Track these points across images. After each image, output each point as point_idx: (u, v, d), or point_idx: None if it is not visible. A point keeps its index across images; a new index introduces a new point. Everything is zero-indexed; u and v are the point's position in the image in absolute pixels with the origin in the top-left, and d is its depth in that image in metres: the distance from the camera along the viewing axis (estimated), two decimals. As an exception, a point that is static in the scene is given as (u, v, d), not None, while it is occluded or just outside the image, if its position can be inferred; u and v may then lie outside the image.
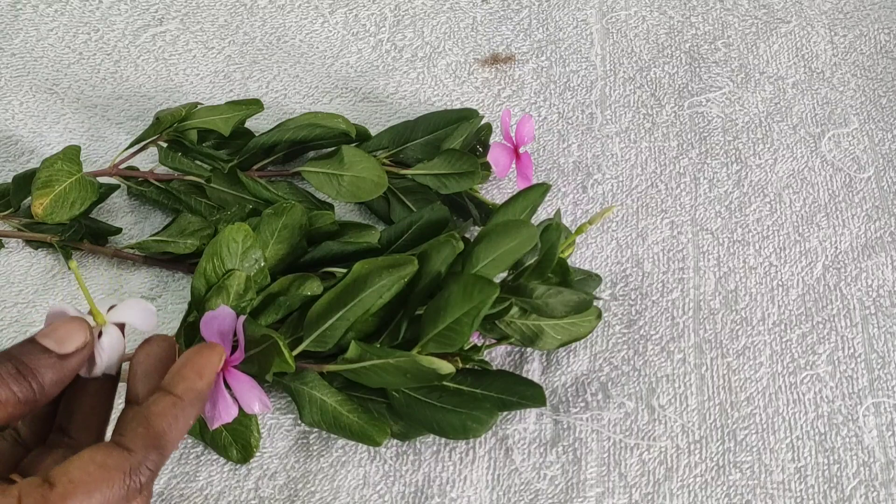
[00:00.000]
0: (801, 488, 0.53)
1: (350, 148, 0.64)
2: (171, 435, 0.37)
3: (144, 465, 0.36)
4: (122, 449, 0.36)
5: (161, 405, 0.37)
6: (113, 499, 0.35)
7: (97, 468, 0.34)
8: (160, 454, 0.36)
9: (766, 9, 0.82)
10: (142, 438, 0.36)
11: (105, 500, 0.34)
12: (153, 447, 0.36)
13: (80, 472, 0.34)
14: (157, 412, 0.37)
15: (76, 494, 0.34)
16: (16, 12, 0.81)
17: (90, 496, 0.34)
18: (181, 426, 0.38)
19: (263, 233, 0.57)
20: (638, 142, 0.71)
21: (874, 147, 0.71)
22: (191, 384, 0.39)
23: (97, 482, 0.34)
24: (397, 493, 0.53)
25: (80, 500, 0.34)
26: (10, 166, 0.69)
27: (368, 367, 0.52)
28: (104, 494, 0.34)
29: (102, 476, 0.34)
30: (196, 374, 0.39)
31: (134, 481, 0.35)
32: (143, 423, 0.37)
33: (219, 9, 0.82)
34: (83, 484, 0.34)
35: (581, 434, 0.55)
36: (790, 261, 0.64)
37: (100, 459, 0.35)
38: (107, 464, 0.35)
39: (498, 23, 0.81)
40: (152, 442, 0.36)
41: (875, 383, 0.57)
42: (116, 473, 0.35)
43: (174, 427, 0.37)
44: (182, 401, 0.38)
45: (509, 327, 0.55)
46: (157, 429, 0.37)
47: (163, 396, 0.38)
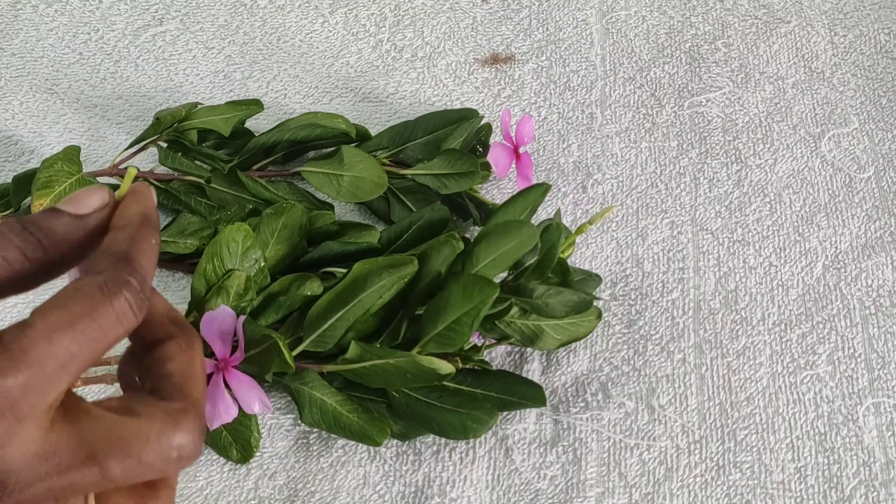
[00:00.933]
0: (801, 488, 0.53)
1: (350, 148, 0.64)
2: (133, 249, 0.34)
3: (120, 276, 0.32)
4: (91, 273, 0.33)
5: (111, 235, 0.34)
6: (103, 323, 0.31)
7: (69, 290, 0.31)
8: (130, 265, 0.33)
9: (766, 9, 0.82)
10: (104, 257, 0.33)
11: (92, 326, 0.31)
12: (120, 261, 0.33)
13: (53, 303, 0.31)
14: (110, 240, 0.34)
15: (52, 309, 0.31)
16: (16, 12, 0.81)
17: (73, 325, 0.31)
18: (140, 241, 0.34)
19: (263, 233, 0.57)
20: (638, 142, 0.71)
21: (874, 147, 0.71)
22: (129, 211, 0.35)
23: (76, 307, 0.31)
24: (397, 493, 0.53)
25: (58, 313, 0.31)
26: (10, 166, 0.69)
27: (368, 367, 0.52)
28: (89, 323, 0.31)
29: (79, 299, 0.31)
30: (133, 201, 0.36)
31: (118, 299, 0.32)
32: (100, 252, 0.34)
33: (219, 9, 0.82)
34: (63, 313, 0.31)
35: (581, 434, 0.55)
36: (790, 261, 0.64)
37: (71, 286, 0.32)
38: (79, 287, 0.32)
39: (498, 23, 0.81)
40: (115, 258, 0.33)
41: (875, 383, 0.57)
42: (91, 287, 0.31)
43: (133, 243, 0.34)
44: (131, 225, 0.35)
45: (509, 327, 0.55)
46: (116, 249, 0.33)
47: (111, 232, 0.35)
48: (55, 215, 0.34)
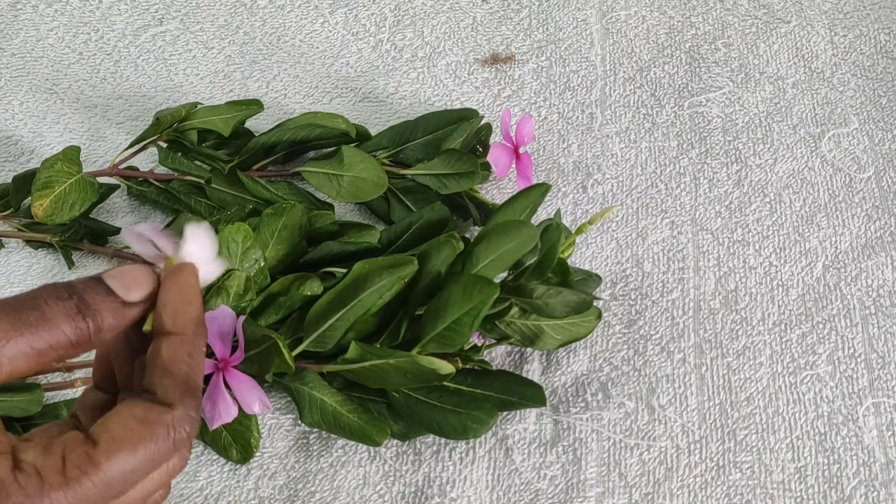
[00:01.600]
0: (801, 488, 0.53)
1: (350, 148, 0.64)
2: (194, 374, 0.35)
3: (186, 414, 0.34)
4: (159, 404, 0.34)
5: (170, 349, 0.35)
6: (160, 454, 0.34)
7: (138, 424, 0.33)
8: (194, 398, 0.35)
9: (766, 9, 0.82)
10: (172, 389, 0.34)
11: (151, 456, 0.33)
12: (187, 394, 0.35)
13: (122, 428, 0.33)
14: (171, 357, 0.35)
15: (121, 451, 0.33)
16: (16, 12, 0.81)
17: (135, 452, 0.33)
18: (199, 361, 0.36)
19: (263, 233, 0.57)
20: (638, 142, 0.71)
21: (874, 147, 0.71)
22: (185, 315, 0.36)
23: (141, 438, 0.33)
24: (397, 493, 0.53)
25: (125, 456, 0.33)
26: (10, 166, 0.69)
27: (368, 367, 0.52)
28: (149, 450, 0.33)
29: (146, 431, 0.33)
30: (183, 302, 0.36)
31: (179, 433, 0.34)
32: (165, 374, 0.35)
33: (219, 9, 0.82)
34: (127, 440, 0.33)
35: (581, 434, 0.55)
36: (790, 261, 0.64)
37: (140, 414, 0.34)
38: (147, 418, 0.33)
39: (498, 23, 0.81)
40: (183, 389, 0.35)
41: (875, 383, 0.57)
42: (160, 427, 0.33)
43: (194, 365, 0.35)
44: (187, 335, 0.35)
45: (509, 327, 0.55)
46: (180, 374, 0.35)
47: (167, 340, 0.35)
48: (108, 297, 0.35)
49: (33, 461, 0.32)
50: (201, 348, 0.36)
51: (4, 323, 0.33)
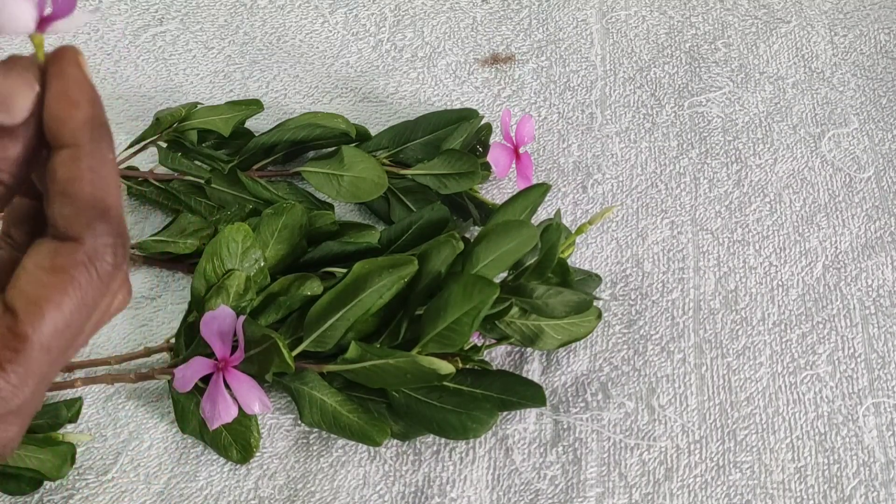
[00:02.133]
0: (801, 488, 0.53)
1: (350, 148, 0.64)
2: (101, 191, 0.29)
3: (101, 243, 0.29)
4: (67, 241, 0.29)
5: (64, 168, 0.29)
6: (89, 297, 0.29)
7: (50, 274, 0.28)
8: (107, 221, 0.29)
9: (766, 9, 0.82)
10: (76, 217, 0.29)
11: (79, 301, 0.29)
12: (96, 218, 0.29)
13: (35, 286, 0.28)
14: (68, 178, 0.29)
15: (44, 313, 0.28)
16: (16, 12, 0.81)
17: (60, 307, 0.28)
18: (105, 174, 0.29)
19: (263, 233, 0.57)
20: (638, 142, 0.71)
21: (874, 147, 0.71)
22: (73, 121, 0.29)
23: (59, 288, 0.28)
24: (397, 493, 0.53)
25: (51, 317, 0.28)
26: (10, 166, 0.69)
27: (368, 367, 0.52)
28: (75, 297, 0.28)
29: (61, 280, 0.28)
30: (67, 104, 0.29)
31: (101, 267, 0.29)
32: (64, 201, 0.29)
33: (219, 9, 0.82)
34: (45, 298, 0.28)
35: (581, 434, 0.55)
36: (790, 261, 0.64)
37: (47, 263, 0.28)
38: (57, 265, 0.28)
39: (498, 23, 0.81)
40: (90, 214, 0.29)
41: (875, 383, 0.57)
42: (76, 270, 0.28)
43: (98, 180, 0.29)
44: (81, 146, 0.29)
45: (509, 327, 0.55)
46: (83, 196, 0.29)
47: (58, 157, 0.29)
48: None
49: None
50: (105, 156, 0.29)
51: None
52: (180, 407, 0.54)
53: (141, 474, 0.54)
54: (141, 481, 0.53)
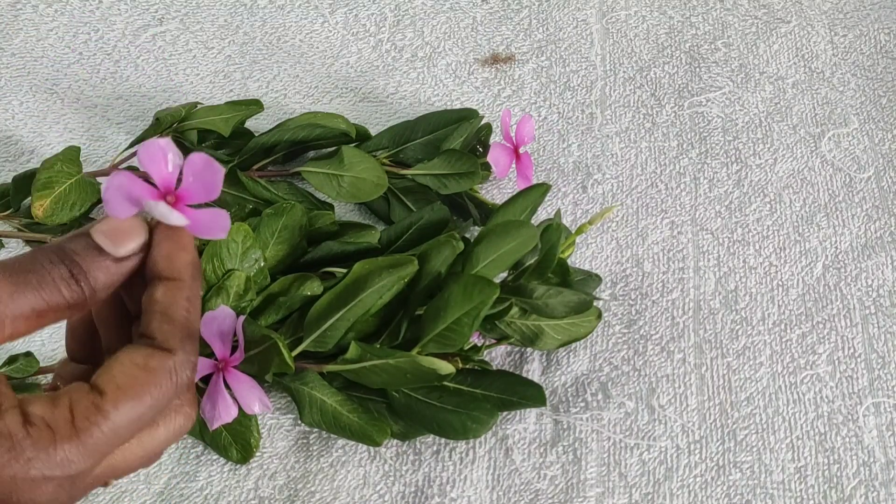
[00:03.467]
0: (801, 488, 0.53)
1: (350, 148, 0.64)
2: (193, 319, 0.35)
3: (187, 358, 0.34)
4: (161, 350, 0.34)
5: (167, 295, 0.35)
6: (163, 400, 0.33)
7: (142, 371, 0.33)
8: (194, 343, 0.35)
9: (766, 9, 0.82)
10: (172, 334, 0.34)
11: (156, 402, 0.33)
12: (186, 338, 0.34)
13: (126, 376, 0.33)
14: (169, 303, 0.35)
15: (127, 399, 0.32)
16: (16, 12, 0.81)
17: (141, 399, 0.33)
18: (196, 306, 0.35)
19: (263, 233, 0.57)
20: (638, 142, 0.71)
21: (874, 147, 0.71)
22: (180, 261, 0.35)
23: (145, 385, 0.33)
24: (397, 493, 0.53)
25: (131, 404, 0.32)
26: (10, 166, 0.69)
27: (368, 367, 0.52)
28: (154, 397, 0.33)
29: (149, 378, 0.33)
30: (177, 247, 0.35)
31: (181, 378, 0.34)
32: (164, 320, 0.34)
33: (219, 9, 0.82)
34: (132, 388, 0.33)
35: (581, 434, 0.55)
36: (790, 261, 0.64)
37: (142, 361, 0.33)
38: (149, 365, 0.33)
39: (498, 23, 0.81)
40: (183, 333, 0.34)
41: (875, 383, 0.57)
42: (162, 374, 0.33)
43: (192, 310, 0.35)
44: (184, 280, 0.35)
45: (509, 327, 0.55)
46: (179, 319, 0.34)
47: (163, 286, 0.35)
48: (97, 259, 0.34)
49: (42, 414, 0.32)
50: (198, 293, 0.35)
51: (8, 284, 0.33)
52: (180, 407, 0.54)
53: (141, 474, 0.54)
54: (141, 481, 0.53)
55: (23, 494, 0.31)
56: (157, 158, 0.34)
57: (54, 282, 0.33)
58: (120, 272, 0.35)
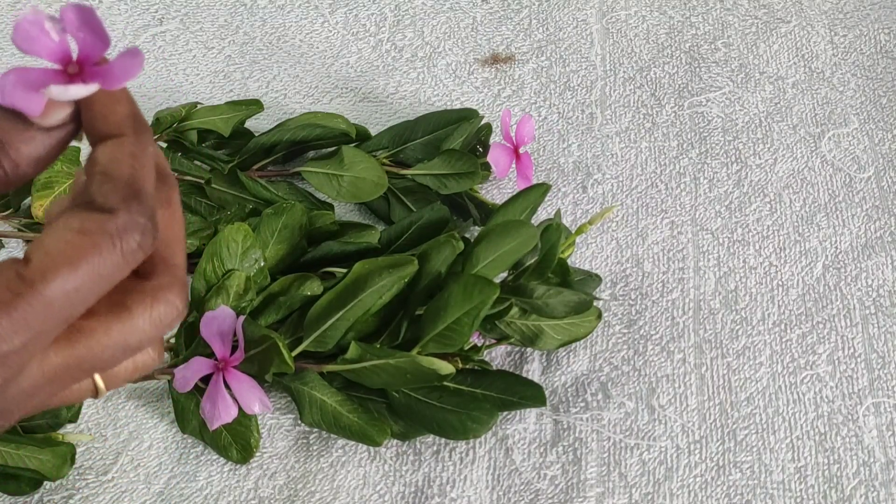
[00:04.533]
0: (801, 488, 0.53)
1: (350, 148, 0.64)
2: (140, 176, 0.30)
3: (132, 219, 0.29)
4: (99, 210, 0.29)
5: (107, 153, 0.30)
6: (106, 268, 0.29)
7: (76, 234, 0.28)
8: (142, 202, 0.30)
9: (766, 9, 0.82)
10: (113, 192, 0.29)
11: (96, 270, 0.29)
12: (132, 197, 0.29)
13: (57, 241, 0.28)
14: (109, 160, 0.30)
15: (58, 267, 0.28)
16: (16, 12, 0.81)
17: (74, 266, 0.28)
18: (144, 162, 0.31)
19: (263, 233, 0.57)
20: (638, 142, 0.71)
21: (874, 147, 0.71)
22: (116, 115, 0.31)
23: (80, 250, 0.28)
24: (397, 493, 0.53)
25: (63, 273, 0.28)
26: (10, 166, 0.69)
27: (368, 367, 0.52)
28: (93, 264, 0.28)
29: (85, 242, 0.28)
30: (111, 102, 0.31)
31: (126, 243, 0.29)
32: (104, 179, 0.30)
33: (219, 9, 0.82)
34: (64, 254, 0.28)
35: (581, 434, 0.55)
36: (790, 261, 0.64)
37: (76, 225, 0.29)
38: (86, 228, 0.29)
39: (498, 23, 0.81)
40: (126, 192, 0.29)
41: (875, 383, 0.57)
42: (101, 237, 0.29)
43: (138, 166, 0.30)
44: (124, 135, 0.31)
45: (509, 327, 0.55)
46: (121, 176, 0.30)
47: (102, 145, 0.31)
48: (23, 131, 0.30)
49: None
50: (145, 148, 0.31)
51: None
52: (180, 407, 0.54)
53: (141, 474, 0.54)
54: (141, 481, 0.53)
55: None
56: (36, 35, 0.29)
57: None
58: (48, 143, 0.31)
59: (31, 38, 0.29)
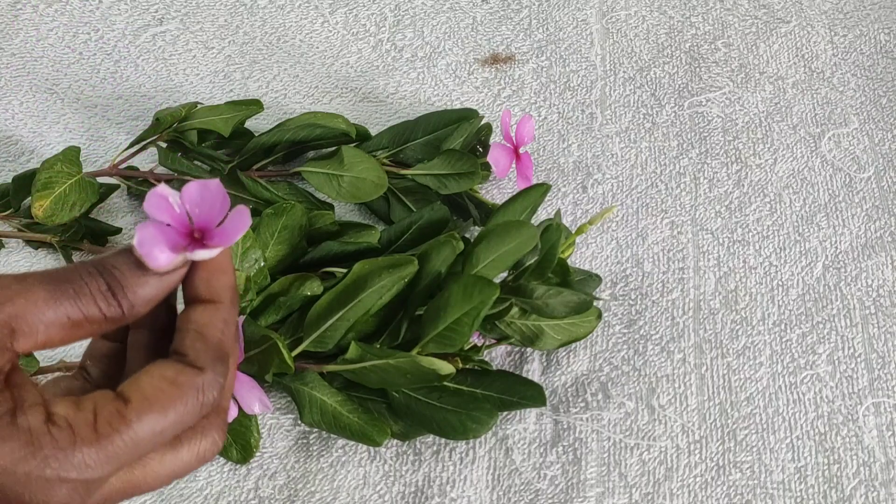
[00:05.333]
0: (801, 488, 0.53)
1: (350, 148, 0.64)
2: (227, 342, 0.35)
3: (216, 379, 0.34)
4: (190, 367, 0.34)
5: (204, 316, 0.35)
6: (188, 417, 0.33)
7: (169, 385, 0.33)
8: (225, 365, 0.35)
9: (766, 9, 0.82)
10: (204, 353, 0.34)
11: (180, 418, 0.33)
12: (218, 359, 0.34)
13: (153, 388, 0.33)
14: (205, 323, 0.35)
15: (152, 410, 0.32)
16: (16, 12, 0.81)
17: (165, 413, 0.32)
18: (231, 330, 0.35)
19: (263, 233, 0.57)
20: (638, 142, 0.71)
21: (874, 147, 0.71)
22: (219, 283, 0.35)
23: (171, 399, 0.33)
24: (397, 493, 0.53)
25: (155, 416, 0.32)
26: (10, 166, 0.69)
27: (368, 367, 0.52)
28: (178, 412, 0.33)
29: (175, 393, 0.33)
30: (217, 270, 0.35)
31: (207, 397, 0.34)
32: (198, 338, 0.34)
33: (219, 9, 0.82)
34: (158, 400, 0.32)
35: (581, 434, 0.55)
36: (790, 261, 0.64)
37: (170, 376, 0.33)
38: (178, 381, 0.33)
39: (498, 23, 0.81)
40: (215, 354, 0.34)
41: (875, 383, 0.57)
42: (189, 390, 0.33)
43: (227, 332, 0.35)
44: (222, 303, 0.35)
45: (509, 327, 0.55)
46: (213, 339, 0.34)
47: (201, 306, 0.35)
48: (141, 277, 0.34)
49: (65, 414, 0.32)
50: (235, 318, 0.36)
51: (44, 291, 0.33)
52: (180, 407, 0.54)
53: (141, 474, 0.54)
54: (141, 481, 0.53)
55: (36, 493, 0.31)
56: (163, 205, 0.34)
57: (91, 294, 0.33)
58: (161, 288, 0.34)
59: (160, 207, 0.34)
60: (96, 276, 0.34)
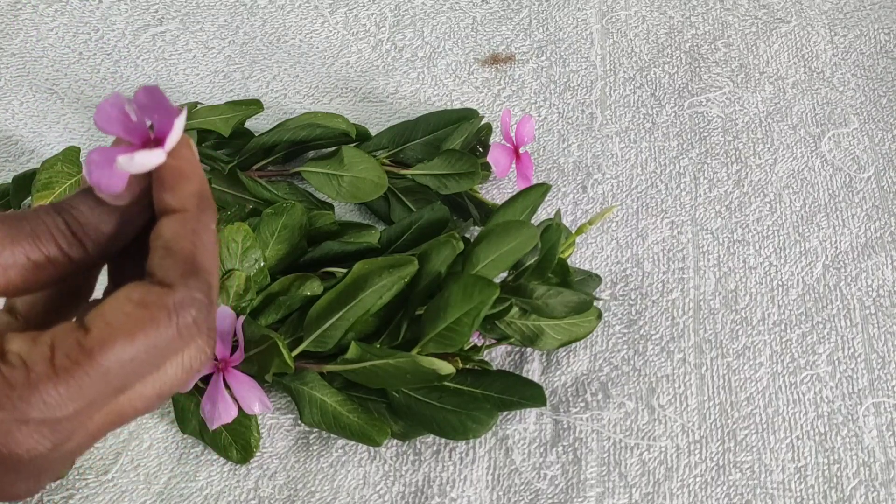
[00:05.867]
0: (801, 488, 0.53)
1: (350, 148, 0.64)
2: (200, 253, 0.31)
3: (189, 295, 0.30)
4: (158, 285, 0.30)
5: (171, 227, 0.31)
6: (162, 340, 0.30)
7: (136, 307, 0.29)
8: (199, 278, 0.31)
9: (766, 9, 0.82)
10: (173, 268, 0.30)
11: (153, 343, 0.29)
12: (190, 273, 0.30)
13: (118, 312, 0.29)
14: (172, 236, 0.31)
15: (117, 338, 0.29)
16: (16, 12, 0.81)
17: (132, 339, 0.29)
18: (205, 239, 0.32)
19: (263, 233, 0.57)
20: (638, 142, 0.71)
21: (874, 147, 0.71)
22: (184, 190, 0.32)
23: (139, 323, 0.29)
24: (397, 493, 0.53)
25: (121, 344, 0.29)
26: (10, 166, 0.69)
27: (368, 367, 0.52)
28: (150, 337, 0.29)
29: (144, 315, 0.29)
30: (180, 177, 0.32)
31: (183, 318, 0.30)
32: (165, 254, 0.31)
33: (219, 9, 0.82)
34: (123, 326, 0.29)
35: (581, 434, 0.55)
36: (790, 261, 0.64)
37: (136, 297, 0.30)
38: (146, 301, 0.29)
39: (498, 23, 0.81)
40: (186, 268, 0.30)
41: (875, 383, 0.57)
42: (159, 311, 0.29)
43: (199, 243, 0.31)
44: (189, 211, 0.32)
45: (509, 327, 0.55)
46: (181, 252, 0.31)
47: (166, 218, 0.32)
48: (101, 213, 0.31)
49: (18, 351, 0.29)
50: (208, 225, 0.32)
51: (1, 230, 0.30)
52: (180, 407, 0.54)
53: (141, 474, 0.54)
54: (141, 481, 0.53)
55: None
56: (115, 117, 0.31)
57: (50, 231, 0.31)
58: (125, 219, 0.32)
59: (111, 119, 0.31)
60: (53, 215, 0.31)
